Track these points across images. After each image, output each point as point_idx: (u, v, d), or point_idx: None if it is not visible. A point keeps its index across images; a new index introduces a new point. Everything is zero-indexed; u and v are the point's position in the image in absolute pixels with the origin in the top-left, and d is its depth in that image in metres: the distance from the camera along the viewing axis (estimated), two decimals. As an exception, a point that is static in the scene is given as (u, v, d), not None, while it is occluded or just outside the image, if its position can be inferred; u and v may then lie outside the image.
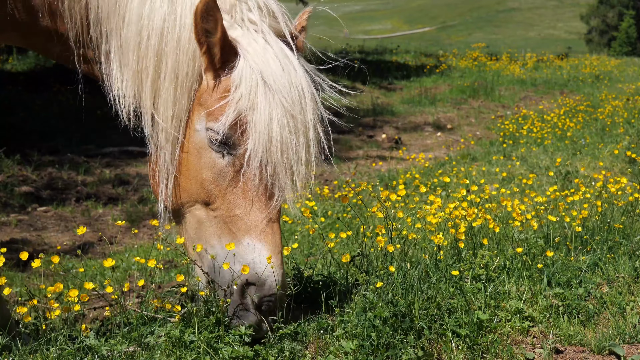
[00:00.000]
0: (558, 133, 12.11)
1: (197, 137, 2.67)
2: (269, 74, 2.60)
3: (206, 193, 2.67)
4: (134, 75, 2.64)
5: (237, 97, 2.58)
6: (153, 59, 2.60)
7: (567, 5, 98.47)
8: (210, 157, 2.65)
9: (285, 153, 2.61)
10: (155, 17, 2.58)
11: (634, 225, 4.48)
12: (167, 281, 4.65)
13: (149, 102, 2.64)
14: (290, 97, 2.62)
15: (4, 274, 2.55)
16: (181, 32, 2.59)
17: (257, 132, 2.58)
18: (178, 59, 2.59)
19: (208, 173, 2.66)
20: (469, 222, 4.03)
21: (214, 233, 2.69)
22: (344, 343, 2.68)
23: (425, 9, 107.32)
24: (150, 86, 2.63)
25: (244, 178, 2.63)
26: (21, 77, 16.46)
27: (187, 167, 2.69)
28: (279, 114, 2.59)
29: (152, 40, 2.59)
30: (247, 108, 2.59)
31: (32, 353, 2.56)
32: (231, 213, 2.65)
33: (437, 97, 18.02)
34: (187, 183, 2.70)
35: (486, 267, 3.56)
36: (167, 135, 2.65)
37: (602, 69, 24.60)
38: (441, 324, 2.93)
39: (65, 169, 10.02)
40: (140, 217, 8.05)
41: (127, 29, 2.61)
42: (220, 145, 2.62)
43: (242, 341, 2.61)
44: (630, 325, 3.18)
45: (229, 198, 2.65)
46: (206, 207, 2.69)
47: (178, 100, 2.62)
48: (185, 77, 2.61)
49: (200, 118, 2.65)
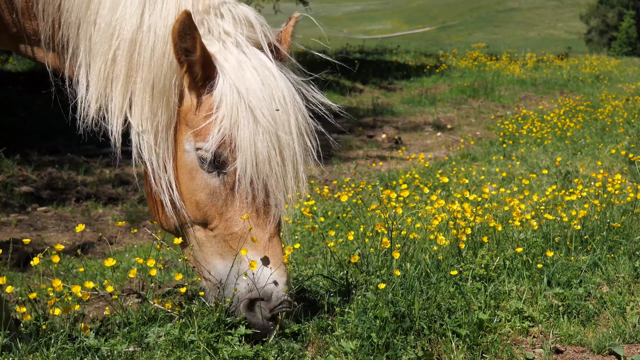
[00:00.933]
0: (558, 133, 12.11)
1: (187, 158, 2.64)
2: (246, 90, 2.56)
3: (202, 214, 2.65)
4: (100, 82, 2.59)
5: (220, 116, 2.56)
6: (124, 68, 2.56)
7: (567, 5, 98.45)
8: (203, 178, 2.63)
9: (273, 168, 2.61)
10: (125, 26, 2.53)
11: (634, 225, 4.48)
12: (167, 281, 4.65)
13: (117, 109, 2.60)
14: (270, 111, 2.59)
15: (4, 274, 2.55)
16: (155, 44, 2.54)
17: (242, 149, 2.56)
18: (153, 70, 2.54)
19: (202, 194, 2.64)
20: (469, 222, 4.03)
21: (216, 252, 2.68)
22: (344, 343, 2.68)
23: (425, 9, 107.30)
24: (120, 94, 2.59)
25: (238, 195, 2.62)
26: (21, 77, 16.46)
27: (180, 189, 2.66)
28: (261, 130, 2.57)
29: (122, 50, 2.55)
30: (231, 126, 2.56)
31: (32, 353, 2.56)
32: (230, 231, 2.64)
33: (437, 97, 18.03)
34: (180, 204, 2.66)
35: (486, 267, 3.57)
36: (150, 148, 2.61)
37: (602, 69, 24.61)
38: (441, 324, 2.93)
39: (65, 169, 10.03)
40: (140, 217, 8.05)
41: (96, 35, 2.57)
42: (211, 165, 2.59)
43: (242, 341, 2.61)
44: (630, 325, 3.18)
45: (225, 217, 2.64)
46: (204, 228, 2.68)
47: (155, 112, 2.58)
48: (162, 89, 2.56)
49: (188, 138, 2.62)
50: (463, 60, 25.77)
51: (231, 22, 2.65)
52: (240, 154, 2.56)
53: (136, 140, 2.62)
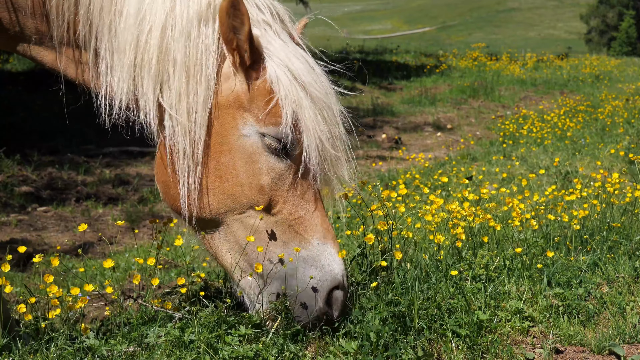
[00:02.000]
0: (558, 133, 12.11)
1: (246, 142, 2.60)
2: (298, 72, 2.60)
3: (266, 199, 2.60)
4: (131, 69, 2.58)
5: (282, 97, 2.57)
6: (156, 52, 2.55)
7: (567, 5, 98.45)
8: (267, 162, 2.60)
9: (334, 146, 2.65)
10: (156, 11, 2.54)
11: (634, 225, 4.47)
12: (167, 281, 4.65)
13: (151, 94, 2.57)
14: (321, 91, 2.64)
15: (4, 274, 2.56)
16: (189, 26, 2.54)
17: (309, 129, 2.58)
18: (188, 52, 2.54)
19: (266, 178, 2.60)
20: (468, 222, 4.03)
21: (278, 238, 2.62)
22: (344, 343, 2.68)
23: (425, 9, 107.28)
24: (153, 80, 2.57)
25: (303, 178, 2.63)
26: (21, 77, 16.47)
27: (235, 173, 2.60)
28: (319, 108, 2.61)
29: (155, 33, 2.54)
30: (297, 106, 2.58)
31: (32, 353, 2.56)
32: (295, 215, 2.62)
33: (437, 97, 18.03)
34: (234, 190, 2.61)
35: (486, 267, 3.56)
36: (184, 130, 2.58)
37: (602, 69, 24.62)
38: (441, 324, 2.93)
39: (65, 169, 10.03)
40: (140, 217, 8.05)
41: (124, 23, 2.56)
42: (277, 149, 2.59)
43: (241, 341, 2.62)
44: (630, 325, 3.18)
45: (290, 200, 2.62)
46: (263, 213, 2.61)
47: (192, 93, 2.56)
48: (200, 70, 2.55)
49: (247, 123, 2.60)
50: (463, 60, 25.78)
51: (269, 14, 2.69)
52: (307, 133, 2.58)
53: (169, 123, 2.59)
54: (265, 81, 2.60)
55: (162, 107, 2.60)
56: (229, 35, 2.51)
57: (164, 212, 8.41)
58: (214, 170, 2.61)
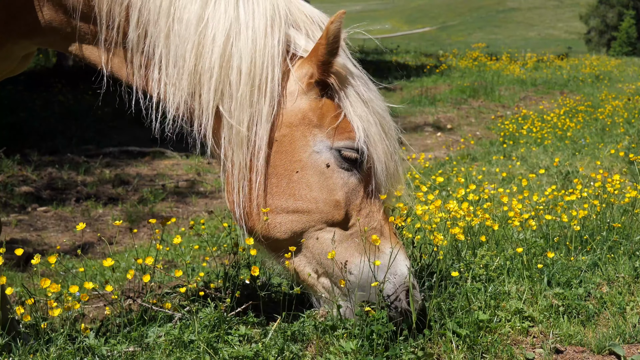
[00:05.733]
0: (558, 133, 12.10)
1: (318, 158, 2.64)
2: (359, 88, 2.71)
3: (342, 213, 2.66)
4: (189, 76, 2.56)
5: (351, 111, 2.64)
6: (218, 60, 2.54)
7: (567, 5, 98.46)
8: (341, 177, 2.65)
9: (395, 160, 2.75)
10: (220, 18, 2.54)
11: (634, 225, 4.47)
12: (167, 281, 4.65)
13: (210, 103, 2.56)
14: (382, 107, 2.74)
15: (4, 274, 2.55)
16: (255, 36, 2.55)
17: (376, 143, 2.66)
18: (254, 62, 2.54)
19: (341, 193, 2.65)
20: (467, 221, 4.02)
21: (355, 250, 2.68)
22: (344, 343, 2.68)
23: (425, 9, 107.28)
24: (215, 86, 2.56)
25: (373, 190, 2.71)
26: (21, 77, 16.44)
27: (309, 190, 2.63)
28: (381, 123, 2.70)
29: (218, 41, 2.53)
30: (365, 122, 2.65)
31: (32, 353, 2.56)
32: (368, 227, 2.69)
33: (437, 97, 18.03)
34: (309, 206, 2.63)
35: (486, 267, 3.56)
36: (242, 140, 2.58)
37: (602, 69, 24.62)
38: (441, 324, 2.92)
39: (65, 169, 10.03)
40: (140, 217, 8.05)
41: (185, 29, 2.54)
42: (352, 163, 2.65)
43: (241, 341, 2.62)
44: (630, 325, 3.18)
45: (363, 213, 2.70)
46: (338, 227, 2.67)
47: (255, 103, 2.56)
48: (265, 80, 2.55)
49: (317, 139, 2.64)
50: (463, 60, 25.78)
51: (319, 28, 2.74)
52: (374, 149, 2.66)
53: (227, 133, 2.59)
54: (331, 98, 2.66)
55: (219, 117, 2.60)
56: (325, 57, 2.58)
57: (164, 212, 8.41)
58: (286, 188, 2.63)
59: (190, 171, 10.65)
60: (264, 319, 2.89)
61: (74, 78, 15.91)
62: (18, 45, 2.82)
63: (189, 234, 6.82)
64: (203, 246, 6.08)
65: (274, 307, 3.05)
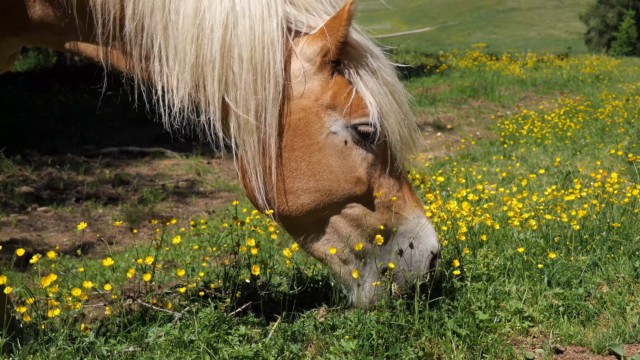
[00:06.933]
0: (558, 133, 12.10)
1: (335, 138, 2.66)
2: (366, 58, 2.71)
3: (363, 188, 2.71)
4: (191, 69, 2.56)
5: (363, 86, 2.65)
6: (219, 50, 2.53)
7: (567, 5, 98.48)
8: (359, 153, 2.69)
9: (410, 128, 2.80)
10: (216, 9, 2.53)
11: (634, 225, 4.47)
12: (168, 281, 4.65)
13: (215, 94, 2.57)
14: (391, 75, 2.77)
15: (4, 274, 2.55)
16: (253, 23, 2.54)
17: (390, 115, 2.70)
18: (255, 49, 2.54)
19: (361, 169, 2.70)
20: (467, 221, 4.03)
21: (379, 221, 2.76)
22: (344, 343, 2.68)
23: (425, 9, 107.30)
24: (218, 78, 2.56)
25: (390, 162, 2.76)
26: (21, 77, 16.46)
27: (330, 170, 2.65)
28: (392, 92, 2.74)
29: (217, 32, 2.53)
30: (377, 94, 2.67)
31: (32, 353, 2.56)
32: (389, 198, 2.76)
33: (437, 97, 18.02)
34: (331, 185, 2.67)
35: (487, 267, 3.56)
36: (251, 129, 2.58)
37: (602, 69, 24.61)
38: (441, 324, 2.92)
39: (65, 169, 10.03)
40: (140, 217, 8.06)
41: (183, 22, 2.53)
42: (368, 138, 2.68)
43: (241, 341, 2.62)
44: (630, 325, 3.18)
45: (384, 185, 2.77)
46: (361, 202, 2.73)
47: (260, 91, 2.56)
48: (267, 66, 2.55)
49: (333, 119, 2.65)
50: (463, 60, 25.77)
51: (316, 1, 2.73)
52: (388, 121, 2.69)
53: (235, 123, 2.60)
54: (341, 75, 2.66)
55: (225, 107, 2.60)
56: (346, 36, 2.58)
57: (164, 212, 8.41)
58: (306, 170, 2.66)
59: (190, 171, 10.65)
60: (264, 319, 2.89)
61: (73, 78, 15.92)
62: (5, 42, 2.79)
63: (189, 234, 6.82)
64: (203, 246, 6.09)
65: (274, 307, 3.05)
